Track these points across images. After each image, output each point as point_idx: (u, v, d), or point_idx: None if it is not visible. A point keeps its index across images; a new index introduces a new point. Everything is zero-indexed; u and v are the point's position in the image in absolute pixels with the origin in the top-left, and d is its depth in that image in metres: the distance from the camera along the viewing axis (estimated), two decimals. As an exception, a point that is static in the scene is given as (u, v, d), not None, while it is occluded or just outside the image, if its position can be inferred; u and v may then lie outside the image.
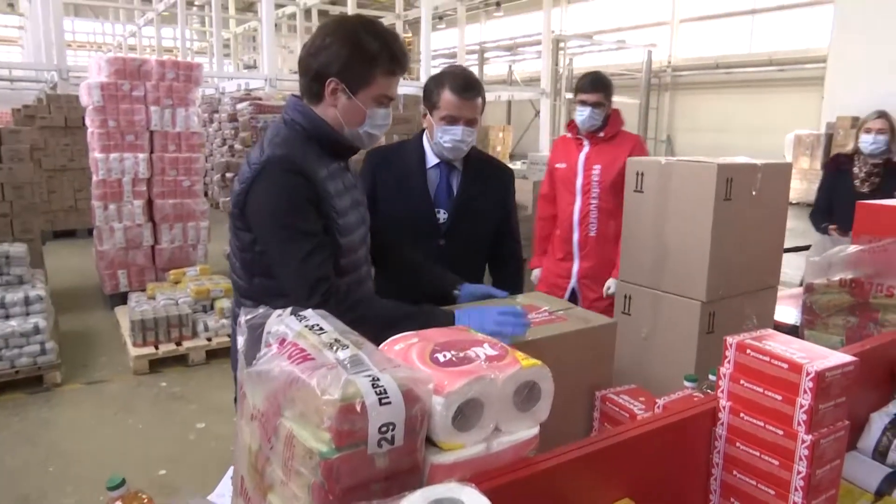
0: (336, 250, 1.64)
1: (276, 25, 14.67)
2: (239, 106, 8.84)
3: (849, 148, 4.02)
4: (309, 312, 1.08)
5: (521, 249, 2.40)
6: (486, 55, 27.00)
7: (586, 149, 3.17)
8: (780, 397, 1.05)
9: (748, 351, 1.12)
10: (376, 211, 2.13)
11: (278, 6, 15.01)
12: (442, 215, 2.17)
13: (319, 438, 0.83)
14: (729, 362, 1.15)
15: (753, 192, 1.83)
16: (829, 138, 13.13)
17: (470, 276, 1.96)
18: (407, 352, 1.00)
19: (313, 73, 1.64)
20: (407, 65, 1.70)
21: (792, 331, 2.24)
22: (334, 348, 0.95)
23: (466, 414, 0.91)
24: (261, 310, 1.07)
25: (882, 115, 3.94)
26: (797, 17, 19.07)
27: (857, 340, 1.96)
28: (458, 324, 1.47)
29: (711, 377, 1.53)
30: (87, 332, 5.38)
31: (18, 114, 9.19)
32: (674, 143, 22.91)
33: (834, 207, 3.95)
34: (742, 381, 1.12)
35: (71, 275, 7.08)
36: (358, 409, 0.80)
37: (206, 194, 8.63)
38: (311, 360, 0.91)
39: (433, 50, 15.69)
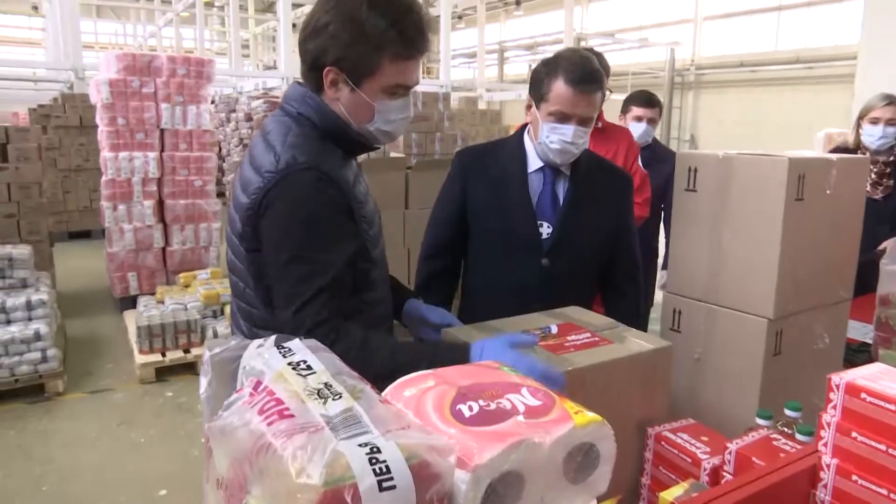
0: (367, 265, 1.40)
1: (294, 25, 14.51)
2: (253, 104, 8.66)
3: (848, 141, 3.11)
4: (296, 344, 0.85)
5: (641, 274, 2.01)
6: (506, 54, 26.72)
7: None
8: (914, 460, 0.80)
9: (862, 395, 0.86)
10: (465, 222, 1.89)
11: (296, 5, 14.87)
12: (546, 229, 1.81)
13: (295, 535, 0.59)
14: (835, 408, 0.89)
15: (828, 191, 1.56)
16: (862, 137, 12.71)
17: (577, 304, 1.63)
18: (420, 401, 0.75)
19: (310, 61, 1.37)
20: (426, 44, 1.37)
21: (862, 349, 1.98)
22: (323, 397, 0.71)
23: (501, 492, 0.66)
24: (232, 342, 0.84)
25: (892, 100, 2.95)
26: (825, 13, 18.61)
27: (949, 364, 1.69)
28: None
29: (788, 412, 1.27)
30: (95, 337, 5.20)
31: (34, 113, 9.11)
32: (698, 142, 22.50)
33: None
34: (854, 434, 0.87)
35: (83, 277, 6.93)
36: (348, 498, 0.56)
37: (222, 195, 8.44)
38: (288, 416, 0.67)
39: (452, 49, 15.45)
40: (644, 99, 3.48)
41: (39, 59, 23.52)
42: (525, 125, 1.89)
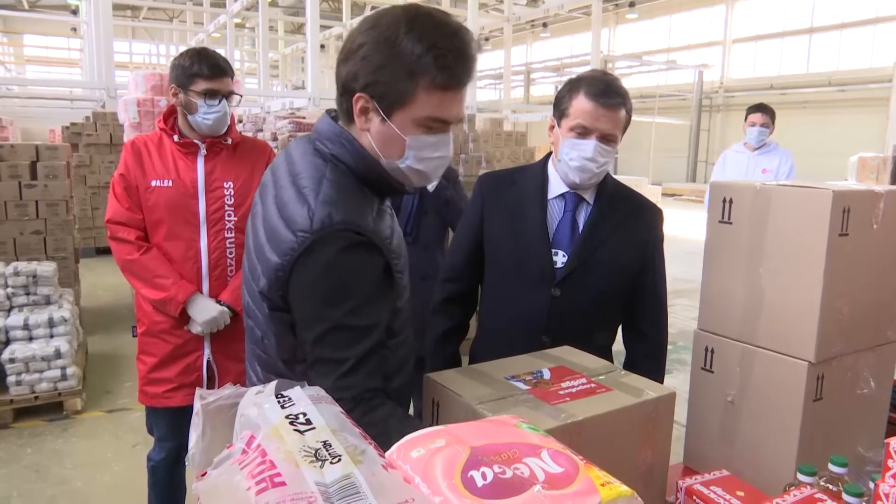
0: (393, 316, 1.29)
1: (323, 46, 14.69)
2: (279, 124, 8.70)
3: None
4: (296, 392, 0.78)
5: (667, 318, 1.86)
6: (532, 76, 26.79)
7: (202, 158, 2.28)
8: None
9: (927, 464, 0.77)
10: (482, 247, 1.83)
11: (325, 27, 15.09)
12: (560, 258, 1.71)
13: None
14: (894, 477, 0.80)
15: (875, 226, 1.46)
16: (897, 161, 12.47)
17: (593, 343, 1.54)
18: (428, 464, 0.68)
19: (341, 85, 1.23)
20: (467, 75, 1.21)
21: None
22: (321, 460, 0.64)
23: (516, 578, 0.59)
24: (225, 390, 0.77)
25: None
26: (859, 35, 18.37)
27: None
28: None
29: (834, 468, 1.17)
30: (116, 354, 5.20)
31: (67, 131, 9.28)
32: (726, 165, 22.22)
33: None
34: (918, 508, 0.77)
35: (108, 293, 6.99)
36: (338, 592, 0.49)
37: (245, 213, 8.48)
38: (279, 485, 0.60)
39: (479, 71, 15.47)
40: None
41: (76, 78, 24.12)
42: (551, 153, 1.83)
